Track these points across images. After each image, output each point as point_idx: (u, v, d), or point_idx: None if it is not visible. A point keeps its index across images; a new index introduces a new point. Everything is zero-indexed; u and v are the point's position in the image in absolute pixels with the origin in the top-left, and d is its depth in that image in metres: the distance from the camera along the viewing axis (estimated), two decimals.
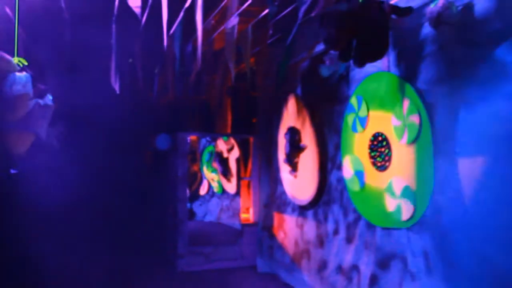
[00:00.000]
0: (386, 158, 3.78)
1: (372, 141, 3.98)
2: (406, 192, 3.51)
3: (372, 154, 3.98)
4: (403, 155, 3.57)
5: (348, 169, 4.35)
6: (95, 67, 5.25)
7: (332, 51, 4.27)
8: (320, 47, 4.81)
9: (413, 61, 3.50)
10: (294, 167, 5.50)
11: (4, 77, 3.25)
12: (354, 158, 4.23)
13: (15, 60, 3.38)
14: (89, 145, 6.61)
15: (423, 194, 3.34)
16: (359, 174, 4.14)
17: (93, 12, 4.61)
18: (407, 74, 3.57)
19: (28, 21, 3.94)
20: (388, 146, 3.77)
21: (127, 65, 5.36)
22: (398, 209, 3.59)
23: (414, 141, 3.43)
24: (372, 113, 3.99)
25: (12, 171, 5.43)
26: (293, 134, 5.49)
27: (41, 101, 3.46)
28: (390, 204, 3.71)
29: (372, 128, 3.99)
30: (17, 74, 3.29)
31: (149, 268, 6.65)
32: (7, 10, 3.96)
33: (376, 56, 2.89)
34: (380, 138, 3.87)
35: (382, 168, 3.84)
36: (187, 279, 6.16)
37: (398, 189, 3.61)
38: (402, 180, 3.57)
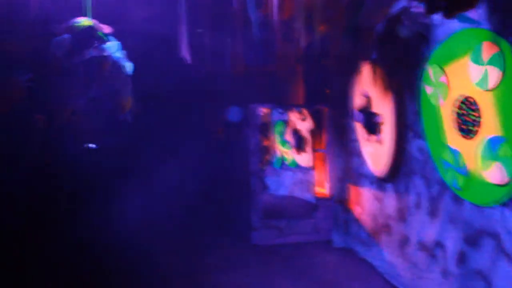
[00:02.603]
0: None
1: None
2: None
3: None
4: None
5: None
6: (164, 38, 5.22)
7: (412, 9, 3.92)
8: (397, 7, 4.45)
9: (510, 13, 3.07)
10: (373, 136, 5.19)
11: None
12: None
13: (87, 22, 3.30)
14: (160, 119, 6.66)
15: None
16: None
17: None
18: (502, 28, 3.14)
19: None
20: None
21: (197, 36, 5.28)
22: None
23: None
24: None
25: (91, 146, 5.57)
26: (362, 110, 5.34)
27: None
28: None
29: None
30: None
31: (223, 241, 6.68)
32: None
33: (468, 4, 2.54)
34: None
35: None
36: (261, 252, 6.12)
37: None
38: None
